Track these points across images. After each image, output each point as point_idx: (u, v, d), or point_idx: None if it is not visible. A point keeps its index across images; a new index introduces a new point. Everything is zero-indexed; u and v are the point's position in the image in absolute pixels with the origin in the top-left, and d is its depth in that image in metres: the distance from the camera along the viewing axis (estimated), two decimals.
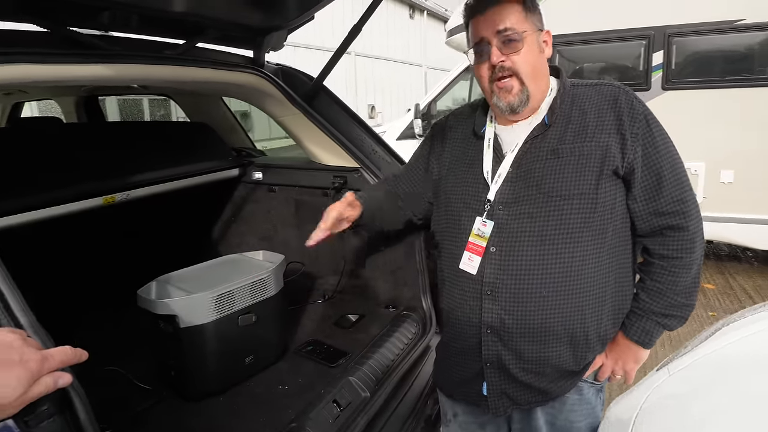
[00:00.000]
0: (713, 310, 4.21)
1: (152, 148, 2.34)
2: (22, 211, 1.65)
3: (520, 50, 1.23)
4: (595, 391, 1.41)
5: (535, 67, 1.27)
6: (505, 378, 1.34)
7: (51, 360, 0.76)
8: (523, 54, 1.23)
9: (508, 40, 1.23)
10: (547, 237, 1.24)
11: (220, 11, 1.76)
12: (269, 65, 2.23)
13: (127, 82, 2.18)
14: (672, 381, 1.17)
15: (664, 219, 1.23)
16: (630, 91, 1.26)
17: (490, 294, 1.30)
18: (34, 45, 1.37)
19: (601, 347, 1.35)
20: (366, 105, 16.91)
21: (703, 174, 4.66)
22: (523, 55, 1.24)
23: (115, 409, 1.63)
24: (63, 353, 0.79)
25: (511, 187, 1.29)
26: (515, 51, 1.23)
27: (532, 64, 1.25)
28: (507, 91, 1.26)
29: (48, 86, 3.09)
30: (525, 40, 1.23)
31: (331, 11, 2.00)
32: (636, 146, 1.21)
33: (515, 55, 1.23)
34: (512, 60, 1.24)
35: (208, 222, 2.93)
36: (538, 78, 1.29)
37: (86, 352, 0.84)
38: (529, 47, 1.24)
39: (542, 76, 1.31)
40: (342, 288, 2.48)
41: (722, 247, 5.78)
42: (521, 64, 1.24)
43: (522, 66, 1.24)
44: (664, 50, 4.64)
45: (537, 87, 1.28)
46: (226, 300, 1.67)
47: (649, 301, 1.29)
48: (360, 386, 1.70)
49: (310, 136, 2.29)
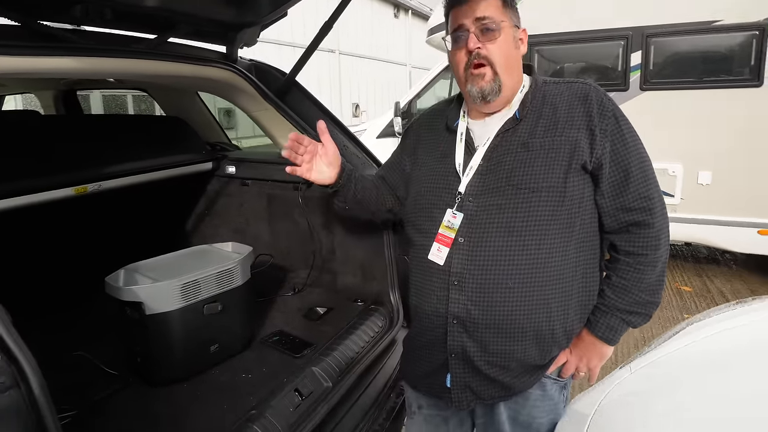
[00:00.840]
0: (689, 312, 4.22)
1: (125, 141, 2.37)
2: None
3: (496, 39, 1.26)
4: (558, 387, 1.42)
5: (509, 59, 1.30)
6: (469, 370, 1.35)
7: None
8: (499, 43, 1.27)
9: (485, 29, 1.26)
10: (515, 228, 1.26)
11: (192, 6, 1.79)
12: (242, 61, 2.26)
13: (98, 76, 2.20)
14: (633, 378, 1.20)
15: (630, 215, 1.26)
16: (600, 89, 1.29)
17: (457, 284, 1.31)
18: (2, 37, 1.40)
19: (567, 342, 1.36)
20: (350, 104, 16.93)
21: (681, 175, 4.67)
22: (498, 45, 1.27)
23: (81, 392, 1.66)
24: None
25: (481, 179, 1.32)
26: (491, 40, 1.26)
27: (506, 55, 1.29)
28: (480, 77, 1.29)
29: (21, 79, 3.10)
30: (502, 31, 1.26)
31: (303, 8, 2.04)
32: (605, 142, 1.23)
33: (491, 43, 1.26)
34: (488, 48, 1.27)
35: (181, 214, 2.96)
36: (512, 71, 1.32)
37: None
38: (505, 38, 1.27)
39: (515, 69, 1.34)
40: (312, 281, 2.52)
41: (701, 249, 5.81)
42: (496, 54, 1.27)
43: (497, 55, 1.27)
44: (642, 50, 4.65)
45: (509, 79, 1.31)
46: (191, 289, 1.71)
47: (614, 297, 1.30)
48: (323, 376, 1.74)
49: (283, 131, 2.32)
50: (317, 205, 2.41)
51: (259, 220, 2.67)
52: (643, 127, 1.29)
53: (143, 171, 2.26)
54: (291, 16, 2.16)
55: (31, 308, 2.19)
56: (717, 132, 4.50)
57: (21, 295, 2.19)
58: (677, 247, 5.91)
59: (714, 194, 4.60)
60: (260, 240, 2.68)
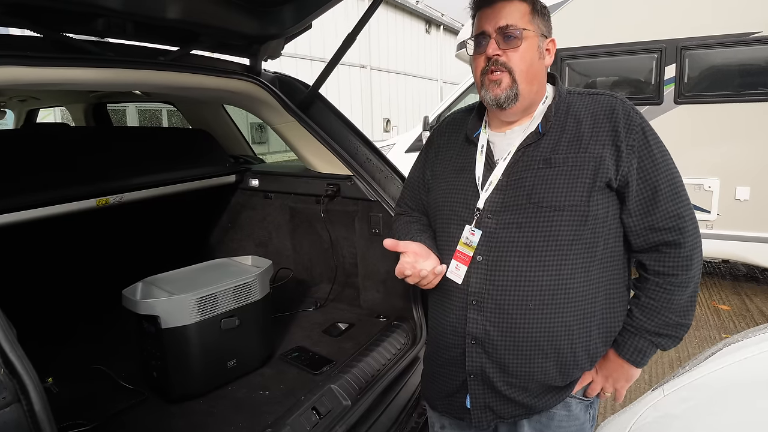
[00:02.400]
0: (727, 332, 4.07)
1: (149, 153, 2.39)
2: (13, 210, 1.68)
3: (518, 47, 1.22)
4: (584, 407, 1.37)
5: (531, 69, 1.24)
6: (488, 391, 1.31)
7: None
8: (521, 52, 1.22)
9: (507, 37, 1.21)
10: (535, 248, 1.21)
11: (215, 19, 1.80)
12: (266, 73, 2.26)
13: (121, 87, 2.23)
14: (668, 401, 1.15)
15: (659, 235, 1.20)
16: (627, 102, 1.23)
17: (476, 304, 1.27)
18: (25, 48, 1.41)
19: (590, 364, 1.30)
20: (381, 119, 17.04)
21: (718, 190, 4.53)
22: (520, 53, 1.22)
23: (96, 407, 1.65)
24: None
25: (500, 195, 1.27)
26: (513, 48, 1.22)
27: (527, 64, 1.23)
28: (496, 84, 1.24)
29: (52, 92, 3.17)
30: (525, 40, 1.21)
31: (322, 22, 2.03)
32: (631, 158, 1.18)
33: (512, 51, 1.22)
34: (508, 56, 1.22)
35: (204, 227, 2.97)
36: (532, 80, 1.26)
37: None
38: (528, 47, 1.22)
39: (537, 79, 1.28)
40: (334, 296, 2.49)
41: (739, 267, 5.62)
42: (516, 62, 1.22)
43: (517, 63, 1.22)
44: (677, 63, 4.57)
45: (529, 89, 1.26)
46: (208, 302, 1.68)
47: (642, 318, 1.25)
48: (341, 394, 1.69)
49: (305, 144, 2.31)
50: (339, 219, 2.38)
51: (281, 234, 2.65)
52: (677, 142, 1.23)
53: (166, 183, 2.26)
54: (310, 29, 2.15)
55: (48, 319, 2.20)
56: (755, 146, 4.38)
57: (39, 306, 2.21)
58: (714, 264, 5.72)
59: (752, 210, 4.47)
60: (282, 253, 2.66)
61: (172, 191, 2.31)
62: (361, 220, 2.30)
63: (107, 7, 1.47)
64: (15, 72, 1.34)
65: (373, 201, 2.18)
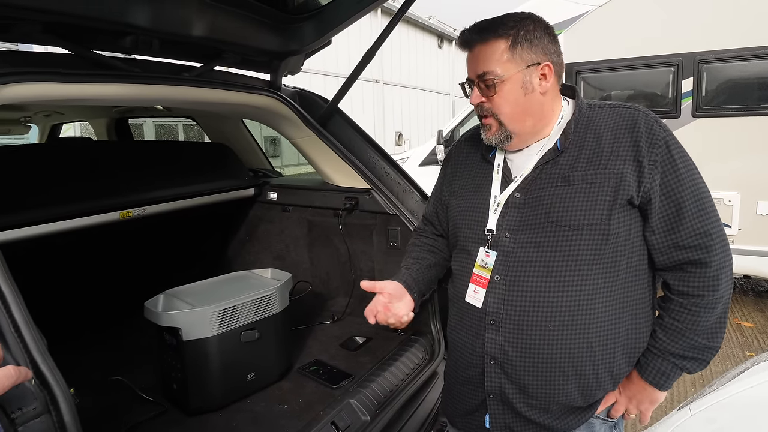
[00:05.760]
0: (751, 350, 3.99)
1: (170, 167, 2.42)
2: (37, 223, 1.72)
3: (500, 92, 1.21)
4: (608, 428, 1.34)
5: (517, 108, 1.23)
6: (508, 411, 1.28)
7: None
8: (503, 96, 1.21)
9: (486, 85, 1.22)
10: (554, 268, 1.19)
11: (237, 36, 1.83)
12: (286, 88, 2.29)
13: (147, 103, 2.27)
14: (694, 421, 1.12)
15: (684, 253, 1.16)
16: (650, 114, 1.19)
17: (494, 324, 1.25)
18: (57, 65, 1.45)
19: (612, 385, 1.26)
20: (394, 133, 17.11)
21: (739, 205, 4.47)
22: (502, 97, 1.22)
23: (116, 418, 1.66)
24: (5, 376, 0.74)
25: (518, 214, 1.25)
26: (494, 94, 1.22)
27: (512, 106, 1.22)
28: (487, 128, 1.27)
29: (76, 107, 3.24)
30: (504, 84, 1.20)
31: (338, 37, 2.05)
32: (654, 174, 1.14)
33: (495, 97, 1.22)
34: (492, 101, 1.23)
35: (223, 240, 2.99)
36: (523, 118, 1.24)
37: (30, 371, 0.81)
38: (510, 89, 1.21)
39: (531, 114, 1.25)
40: (351, 310, 2.48)
41: (761, 282, 5.52)
42: (499, 107, 1.23)
43: (500, 108, 1.23)
44: (694, 77, 4.56)
45: (521, 126, 1.25)
46: (229, 315, 1.69)
47: (666, 340, 1.21)
48: (360, 409, 1.68)
49: (324, 158, 2.33)
50: (357, 233, 2.38)
51: (299, 247, 2.66)
52: (695, 155, 1.19)
53: (186, 196, 2.29)
54: (341, 45, 2.18)
55: (69, 330, 2.22)
56: None
57: (60, 316, 2.23)
58: (736, 279, 5.62)
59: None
60: (300, 266, 2.66)
61: (192, 204, 2.33)
62: (379, 234, 2.30)
63: (136, 25, 1.51)
64: (48, 88, 1.38)
65: (391, 214, 2.18)
